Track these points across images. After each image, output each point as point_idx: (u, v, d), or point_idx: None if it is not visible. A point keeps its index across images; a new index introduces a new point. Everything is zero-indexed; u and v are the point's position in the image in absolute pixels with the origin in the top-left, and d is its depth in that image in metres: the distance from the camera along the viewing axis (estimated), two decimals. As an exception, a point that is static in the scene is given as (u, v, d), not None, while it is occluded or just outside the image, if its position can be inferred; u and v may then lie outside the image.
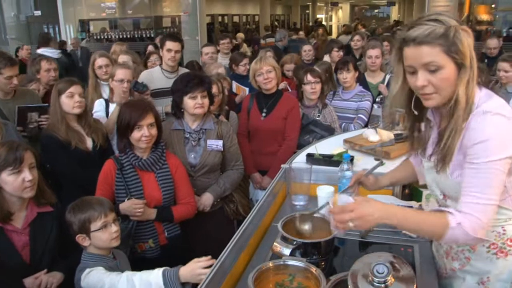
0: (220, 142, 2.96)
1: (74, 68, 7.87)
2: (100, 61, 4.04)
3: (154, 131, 2.61)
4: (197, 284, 1.73)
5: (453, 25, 1.49)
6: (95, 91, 3.96)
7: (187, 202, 2.76)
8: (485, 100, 1.53)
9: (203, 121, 2.97)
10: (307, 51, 6.15)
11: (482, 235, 1.48)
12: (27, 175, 2.06)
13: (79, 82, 3.18)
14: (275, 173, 2.65)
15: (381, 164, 2.17)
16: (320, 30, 10.40)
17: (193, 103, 2.84)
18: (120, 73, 3.54)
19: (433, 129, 1.72)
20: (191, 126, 2.97)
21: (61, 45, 9.65)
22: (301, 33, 11.31)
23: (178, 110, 2.96)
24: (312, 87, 3.81)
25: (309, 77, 3.81)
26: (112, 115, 3.42)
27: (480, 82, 1.57)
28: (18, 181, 2.05)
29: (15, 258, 2.08)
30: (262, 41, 10.99)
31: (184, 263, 2.72)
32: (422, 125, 1.75)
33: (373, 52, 4.61)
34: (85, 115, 3.15)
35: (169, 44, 3.93)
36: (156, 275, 1.97)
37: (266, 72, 3.54)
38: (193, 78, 2.87)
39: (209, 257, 1.94)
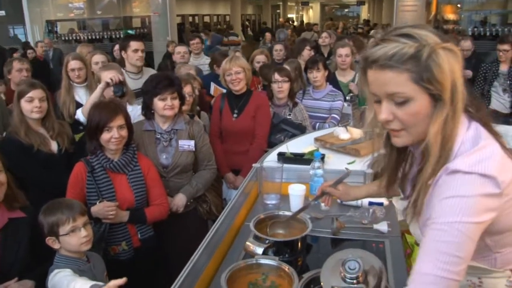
0: (192, 142, 2.95)
1: (43, 70, 7.74)
2: (73, 64, 3.83)
3: (124, 132, 2.58)
4: None
5: (430, 43, 1.15)
6: (68, 94, 3.79)
7: (159, 203, 2.74)
8: (466, 150, 1.19)
9: (174, 121, 2.96)
10: (278, 50, 6.18)
11: None
12: None
13: (41, 85, 3.08)
14: (248, 172, 2.65)
15: (348, 174, 2.06)
16: (289, 31, 10.50)
17: (163, 104, 2.82)
18: (107, 76, 3.31)
19: (414, 166, 1.41)
20: (162, 127, 2.95)
21: (24, 47, 9.41)
22: (268, 34, 11.29)
23: (148, 111, 2.94)
24: (279, 86, 3.80)
25: (276, 76, 3.82)
26: (89, 100, 3.29)
27: (471, 111, 1.25)
28: None
29: (-16, 265, 2.02)
30: (224, 39, 11.02)
31: (157, 264, 2.72)
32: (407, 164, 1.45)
33: (343, 51, 4.64)
34: (49, 118, 3.09)
35: (135, 44, 3.89)
36: None
37: (235, 73, 3.53)
38: (163, 80, 2.86)
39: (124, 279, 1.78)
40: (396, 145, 1.30)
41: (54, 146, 3.08)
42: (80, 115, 3.26)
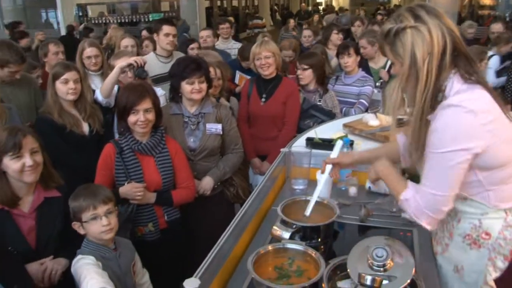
0: (219, 126, 2.95)
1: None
2: (90, 51, 3.79)
3: (151, 116, 2.58)
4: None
5: (401, 25, 1.53)
6: (84, 82, 3.78)
7: (186, 186, 2.75)
8: (458, 93, 1.52)
9: (202, 105, 2.96)
10: (307, 36, 6.12)
11: (425, 223, 1.60)
12: (27, 160, 2.04)
13: (76, 67, 3.13)
14: (275, 158, 2.65)
15: (341, 143, 2.18)
16: (316, 17, 10.36)
17: (191, 88, 2.82)
18: (122, 61, 3.35)
19: None
20: (190, 110, 2.95)
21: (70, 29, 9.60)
22: (291, 21, 11.09)
23: (176, 95, 2.95)
24: (300, 74, 3.79)
25: (298, 64, 3.82)
26: (107, 79, 3.33)
27: (466, 74, 1.54)
28: (18, 165, 2.03)
29: (21, 242, 2.06)
30: (249, 22, 10.96)
31: (183, 246, 2.74)
32: None
33: (360, 43, 4.64)
34: (82, 100, 3.12)
35: (167, 29, 3.88)
36: None
37: (264, 57, 3.51)
38: (190, 63, 2.85)
39: None
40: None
41: (85, 127, 3.12)
42: (99, 95, 3.30)
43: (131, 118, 2.55)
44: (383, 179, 1.85)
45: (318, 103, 3.73)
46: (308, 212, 1.96)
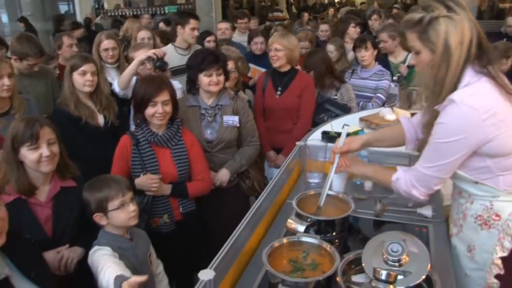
0: (236, 118, 2.95)
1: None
2: (107, 43, 3.77)
3: (168, 108, 2.60)
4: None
5: (433, 14, 1.59)
6: (100, 75, 3.66)
7: (202, 179, 2.76)
8: (466, 85, 1.62)
9: (219, 97, 2.96)
10: (324, 31, 6.08)
11: (417, 194, 1.77)
12: (44, 150, 2.06)
13: (93, 60, 3.15)
14: (290, 152, 2.64)
15: (347, 130, 2.21)
16: (331, 10, 10.27)
17: (208, 80, 2.83)
18: (141, 53, 3.35)
19: None
20: (207, 102, 2.95)
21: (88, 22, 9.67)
22: (306, 14, 10.96)
23: (193, 86, 2.95)
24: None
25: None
26: (125, 72, 3.35)
27: (480, 67, 1.63)
28: (35, 156, 2.05)
29: (38, 231, 2.09)
30: (269, 14, 10.92)
31: (198, 238, 2.75)
32: None
33: (380, 37, 4.59)
34: (98, 92, 3.14)
35: (194, 23, 3.86)
36: (112, 277, 1.78)
37: (274, 49, 3.52)
38: (208, 56, 2.85)
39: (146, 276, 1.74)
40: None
41: (101, 119, 3.14)
42: (116, 86, 3.32)
43: (149, 110, 2.56)
44: (367, 174, 2.10)
45: (334, 96, 3.72)
46: (321, 202, 1.96)
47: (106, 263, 1.91)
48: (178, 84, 3.39)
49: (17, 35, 3.73)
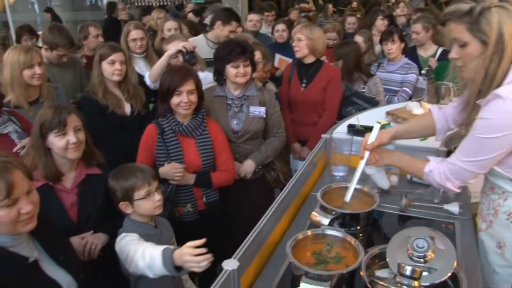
0: (263, 109, 2.94)
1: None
2: (135, 34, 3.80)
3: (193, 97, 2.60)
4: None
5: (485, 4, 1.52)
6: (128, 65, 3.64)
7: (226, 169, 2.76)
8: (509, 82, 1.56)
9: (246, 88, 2.95)
10: (352, 24, 6.01)
11: (451, 186, 1.74)
12: (71, 137, 2.09)
13: (122, 49, 3.18)
14: (314, 144, 2.63)
15: (379, 126, 2.13)
16: (354, 3, 10.12)
17: (235, 71, 2.82)
18: (174, 46, 3.34)
19: None
20: (234, 93, 2.95)
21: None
22: (330, 6, 10.74)
23: (220, 77, 2.95)
24: (333, 63, 3.79)
25: None
26: (155, 65, 3.37)
27: None
28: (63, 143, 2.08)
29: (63, 217, 2.13)
30: (296, 5, 10.80)
31: (221, 229, 2.76)
32: None
33: (414, 28, 4.49)
34: (126, 81, 3.17)
35: (234, 26, 3.85)
36: (158, 252, 1.83)
37: (296, 39, 3.51)
38: (236, 47, 2.84)
39: (202, 241, 1.73)
40: (463, 78, 1.73)
41: (127, 108, 3.17)
42: (147, 79, 3.33)
43: (174, 100, 2.58)
44: (397, 165, 2.04)
45: (362, 90, 3.68)
46: (347, 198, 1.94)
47: (140, 246, 1.92)
48: (210, 77, 3.39)
49: (49, 26, 3.80)
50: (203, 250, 1.69)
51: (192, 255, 1.69)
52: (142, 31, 3.86)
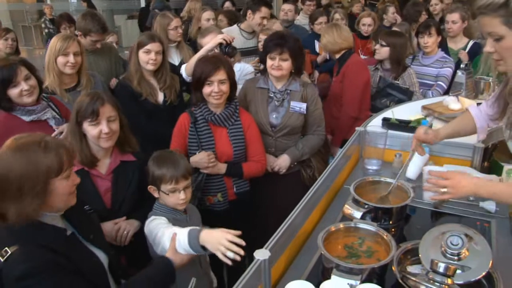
0: (304, 105, 2.87)
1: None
2: (176, 22, 3.84)
3: (225, 87, 2.60)
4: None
5: None
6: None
7: (258, 160, 2.76)
8: None
9: (289, 82, 2.90)
10: (391, 14, 5.89)
11: None
12: (104, 127, 2.13)
13: (160, 39, 3.16)
14: (337, 140, 2.60)
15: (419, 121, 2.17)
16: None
17: (271, 63, 2.79)
18: (207, 40, 3.34)
19: None
20: (276, 86, 2.91)
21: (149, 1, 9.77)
22: None
23: (265, 69, 2.90)
24: (377, 47, 3.72)
25: (379, 39, 3.73)
26: (192, 58, 3.34)
27: None
28: (96, 132, 2.13)
29: (98, 201, 2.18)
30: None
31: (249, 220, 2.77)
32: None
33: (450, 17, 4.32)
34: (161, 70, 3.18)
35: (265, 12, 3.79)
36: (183, 232, 1.85)
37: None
38: (274, 38, 2.81)
39: (239, 232, 1.72)
40: (499, 71, 1.67)
41: (160, 97, 3.19)
42: (183, 72, 3.34)
43: (206, 89, 2.58)
44: (491, 197, 1.75)
45: (396, 81, 3.62)
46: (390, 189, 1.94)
47: (168, 229, 1.96)
48: (250, 68, 3.39)
49: (83, 13, 3.85)
50: (239, 240, 1.65)
51: (225, 238, 1.67)
52: (179, 19, 3.92)
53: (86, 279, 1.60)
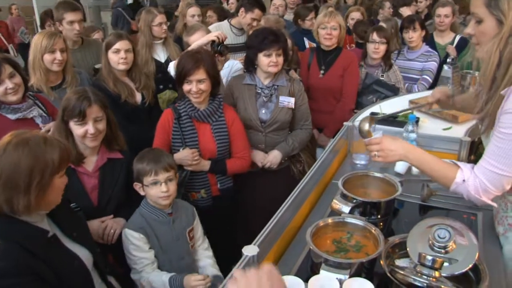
0: (292, 100, 2.88)
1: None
2: (160, 18, 3.74)
3: (204, 86, 2.56)
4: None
5: None
6: (149, 51, 3.68)
7: (241, 156, 2.76)
8: None
9: (276, 77, 2.90)
10: (387, 8, 5.91)
11: (486, 198, 1.57)
12: (90, 128, 2.12)
13: (128, 37, 3.09)
14: (331, 132, 2.61)
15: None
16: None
17: (268, 61, 2.77)
18: (194, 39, 3.26)
19: None
20: (264, 82, 2.90)
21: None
22: None
23: (251, 66, 2.90)
24: (375, 47, 3.68)
25: (374, 36, 3.69)
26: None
27: None
28: (81, 131, 2.12)
29: (84, 199, 2.17)
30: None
31: (233, 215, 2.76)
32: None
33: (443, 11, 4.30)
34: (135, 70, 3.12)
35: (257, 14, 3.74)
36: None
37: (330, 27, 3.44)
38: (269, 35, 2.79)
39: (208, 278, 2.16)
40: (477, 55, 1.58)
41: (139, 97, 3.13)
42: (172, 69, 3.30)
43: (185, 87, 2.57)
44: (416, 164, 1.74)
45: (381, 78, 3.63)
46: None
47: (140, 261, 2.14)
48: (239, 65, 3.37)
49: (56, 4, 3.74)
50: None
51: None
52: (164, 15, 3.84)
53: (65, 284, 1.60)
